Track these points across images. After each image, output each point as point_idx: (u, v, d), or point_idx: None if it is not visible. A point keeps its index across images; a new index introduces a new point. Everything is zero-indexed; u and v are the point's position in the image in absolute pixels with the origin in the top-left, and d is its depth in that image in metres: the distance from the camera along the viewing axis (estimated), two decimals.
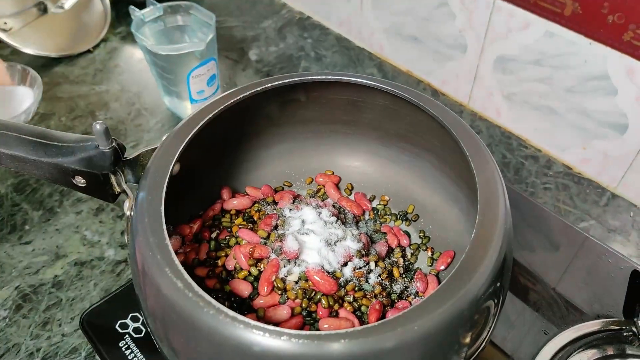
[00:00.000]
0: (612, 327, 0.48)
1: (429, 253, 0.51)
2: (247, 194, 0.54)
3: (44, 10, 0.83)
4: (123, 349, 0.47)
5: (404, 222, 0.54)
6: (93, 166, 0.40)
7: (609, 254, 0.56)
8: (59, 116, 0.75)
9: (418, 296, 0.47)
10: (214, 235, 0.50)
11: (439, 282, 0.49)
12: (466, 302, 0.33)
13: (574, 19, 0.60)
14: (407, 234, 0.53)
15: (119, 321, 0.50)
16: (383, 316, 0.44)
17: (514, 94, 0.70)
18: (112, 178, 0.41)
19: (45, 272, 0.56)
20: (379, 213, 0.55)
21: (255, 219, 0.51)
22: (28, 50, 0.81)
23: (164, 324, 0.34)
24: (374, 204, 0.56)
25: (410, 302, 0.46)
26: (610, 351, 0.46)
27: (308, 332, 0.30)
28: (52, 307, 0.53)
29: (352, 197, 0.56)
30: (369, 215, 0.55)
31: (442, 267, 0.49)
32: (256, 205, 0.53)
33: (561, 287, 0.53)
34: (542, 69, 0.65)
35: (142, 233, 0.35)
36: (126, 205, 0.40)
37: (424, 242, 0.52)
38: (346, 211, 0.54)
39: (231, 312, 0.30)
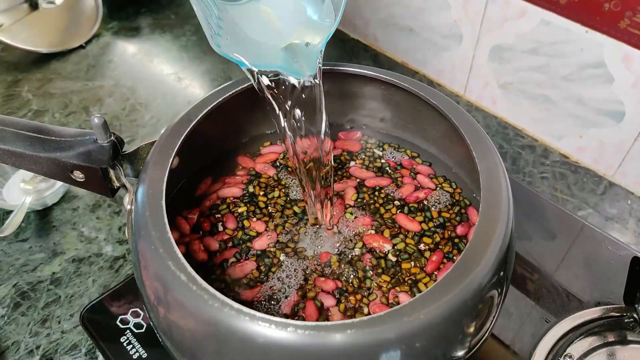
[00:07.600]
0: (613, 314, 0.48)
1: None
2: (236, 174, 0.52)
3: (35, 6, 0.82)
4: (124, 344, 0.47)
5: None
6: (92, 160, 0.39)
7: (608, 241, 0.56)
8: (53, 112, 0.74)
9: None
10: (220, 227, 0.47)
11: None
12: (470, 292, 0.32)
13: (570, 7, 0.59)
14: None
15: (120, 317, 0.49)
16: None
17: (510, 84, 0.70)
18: (111, 172, 0.41)
19: (43, 270, 0.56)
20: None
21: (260, 194, 0.50)
22: (20, 46, 0.80)
23: (168, 318, 0.34)
24: None
25: None
26: (611, 338, 0.47)
27: (314, 323, 0.30)
28: (50, 304, 0.53)
29: None
30: None
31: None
32: (250, 186, 0.51)
33: (561, 276, 0.53)
34: (538, 57, 0.65)
35: (144, 227, 0.34)
36: (126, 199, 0.40)
37: None
38: None
39: (236, 305, 0.30)
